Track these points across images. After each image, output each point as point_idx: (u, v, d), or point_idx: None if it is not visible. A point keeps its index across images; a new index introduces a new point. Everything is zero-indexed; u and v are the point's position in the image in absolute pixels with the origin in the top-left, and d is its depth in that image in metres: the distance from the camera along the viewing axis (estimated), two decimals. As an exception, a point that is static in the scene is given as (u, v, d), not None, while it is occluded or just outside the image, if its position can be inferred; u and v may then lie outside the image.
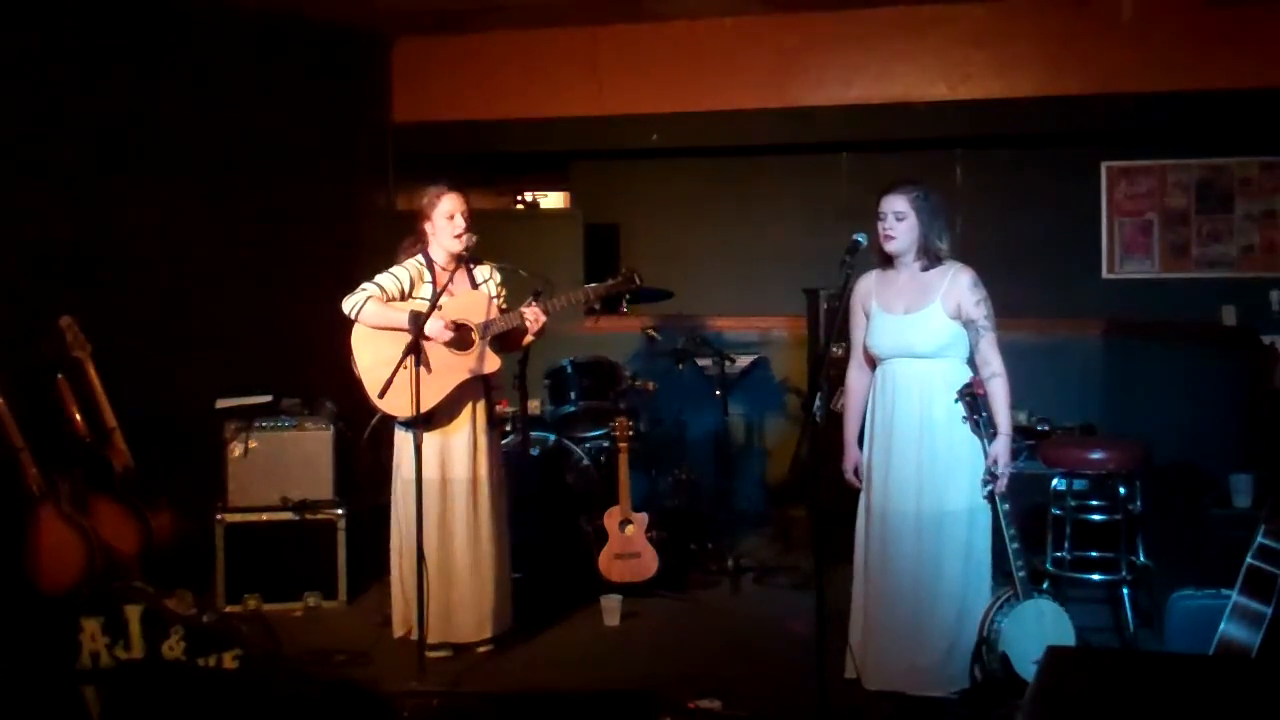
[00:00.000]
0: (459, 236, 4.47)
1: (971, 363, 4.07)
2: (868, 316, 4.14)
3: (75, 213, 5.43)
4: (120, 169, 5.62)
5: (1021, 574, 3.92)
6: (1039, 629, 3.89)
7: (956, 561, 3.97)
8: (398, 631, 4.62)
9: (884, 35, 6.61)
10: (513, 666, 4.56)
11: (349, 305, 4.44)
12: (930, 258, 4.03)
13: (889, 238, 4.03)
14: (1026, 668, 3.79)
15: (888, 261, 4.11)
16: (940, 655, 3.98)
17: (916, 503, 3.98)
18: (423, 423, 4.31)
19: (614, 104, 6.94)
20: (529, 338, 4.61)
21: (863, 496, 4.16)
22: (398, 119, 7.24)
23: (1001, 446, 3.93)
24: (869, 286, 4.15)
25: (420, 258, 4.59)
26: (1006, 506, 3.93)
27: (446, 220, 4.51)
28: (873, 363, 4.17)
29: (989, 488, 3.95)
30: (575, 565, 5.45)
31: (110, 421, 5.12)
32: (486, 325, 4.51)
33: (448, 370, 4.46)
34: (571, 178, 8.28)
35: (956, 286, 3.99)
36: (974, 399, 3.92)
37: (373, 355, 4.45)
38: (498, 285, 4.68)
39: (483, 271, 4.69)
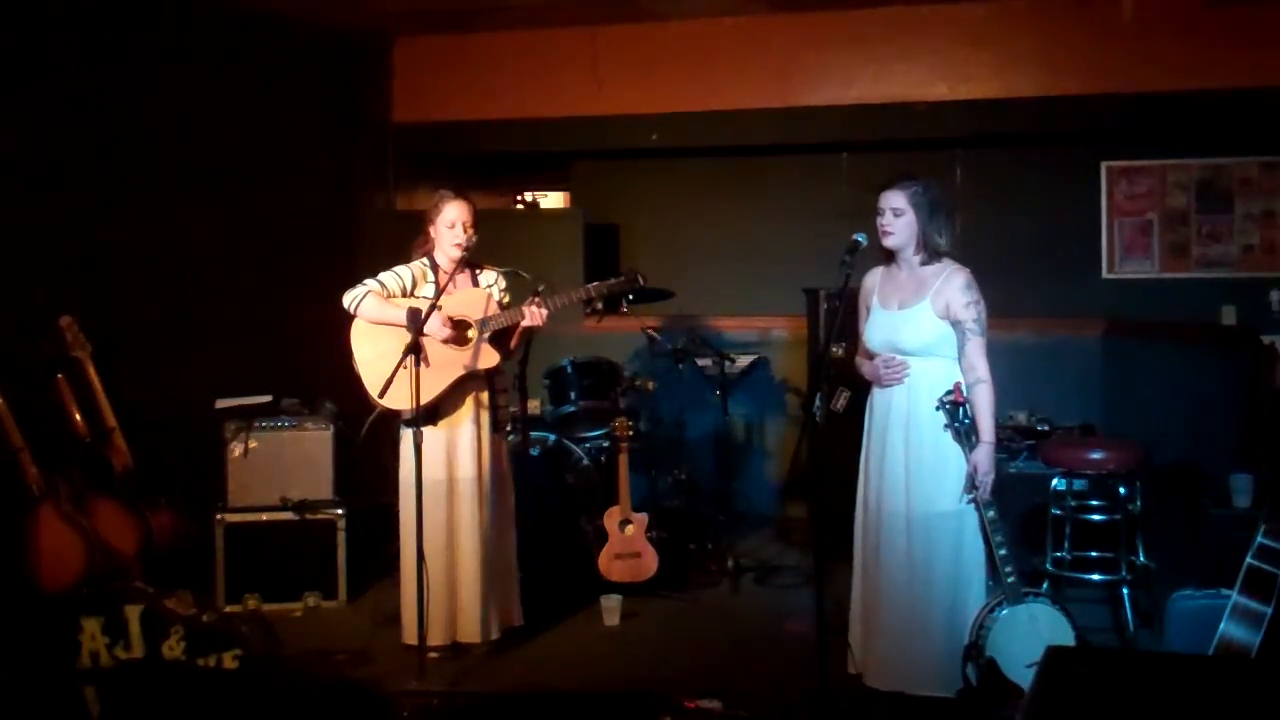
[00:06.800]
0: (458, 245, 4.51)
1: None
2: (868, 311, 4.16)
3: (75, 213, 5.42)
4: (119, 169, 5.62)
5: (1011, 579, 3.87)
6: (1032, 633, 3.84)
7: (948, 562, 3.95)
8: (406, 637, 4.54)
9: (884, 35, 6.60)
10: (513, 666, 4.56)
11: (349, 299, 4.49)
12: (930, 253, 4.01)
13: (886, 233, 4.02)
14: (1019, 672, 3.76)
15: (891, 258, 4.12)
16: (937, 655, 3.96)
17: (906, 503, 3.96)
18: (423, 419, 4.31)
19: (614, 104, 6.93)
20: (519, 333, 4.61)
21: (859, 493, 4.16)
22: (398, 119, 7.23)
23: (983, 455, 3.87)
24: (873, 283, 4.17)
25: (426, 260, 4.64)
26: (992, 513, 3.88)
27: (448, 229, 4.55)
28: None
29: (971, 496, 3.91)
30: (575, 565, 5.45)
31: (110, 421, 5.12)
32: (484, 321, 4.52)
33: (445, 365, 4.48)
34: (571, 178, 8.28)
35: (949, 286, 3.96)
36: (954, 407, 3.86)
37: (371, 350, 4.48)
38: (501, 291, 4.71)
39: (488, 277, 4.71)
